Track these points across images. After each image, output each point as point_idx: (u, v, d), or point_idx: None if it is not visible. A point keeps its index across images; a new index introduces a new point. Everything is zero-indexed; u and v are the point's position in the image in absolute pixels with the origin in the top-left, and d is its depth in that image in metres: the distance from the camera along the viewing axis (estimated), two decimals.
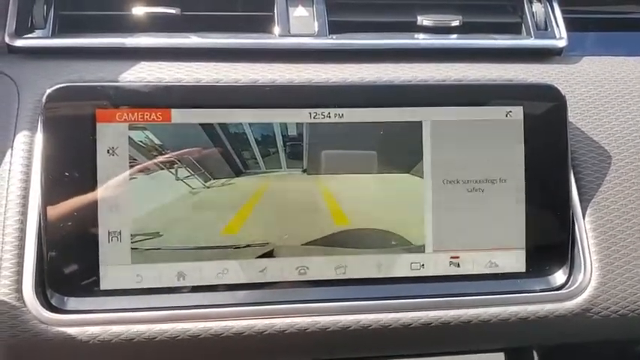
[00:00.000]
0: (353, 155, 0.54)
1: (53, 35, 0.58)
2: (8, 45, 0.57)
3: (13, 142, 0.52)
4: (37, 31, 0.58)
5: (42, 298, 0.49)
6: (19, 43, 0.57)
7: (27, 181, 0.51)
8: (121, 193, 0.51)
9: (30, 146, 0.52)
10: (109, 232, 0.50)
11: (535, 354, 0.56)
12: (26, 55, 0.57)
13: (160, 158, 0.51)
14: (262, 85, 0.55)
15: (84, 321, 0.49)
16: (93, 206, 0.50)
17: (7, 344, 0.48)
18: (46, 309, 0.49)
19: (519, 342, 0.56)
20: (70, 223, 0.50)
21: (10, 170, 0.51)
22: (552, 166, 0.55)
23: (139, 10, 0.59)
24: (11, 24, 0.57)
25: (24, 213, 0.50)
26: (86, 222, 0.50)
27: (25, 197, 0.50)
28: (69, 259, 0.50)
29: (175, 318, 0.50)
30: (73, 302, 0.50)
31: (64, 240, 0.50)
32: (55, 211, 0.50)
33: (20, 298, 0.48)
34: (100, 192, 0.50)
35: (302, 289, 0.52)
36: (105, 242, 0.50)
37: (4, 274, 0.48)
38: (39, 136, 0.51)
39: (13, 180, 0.51)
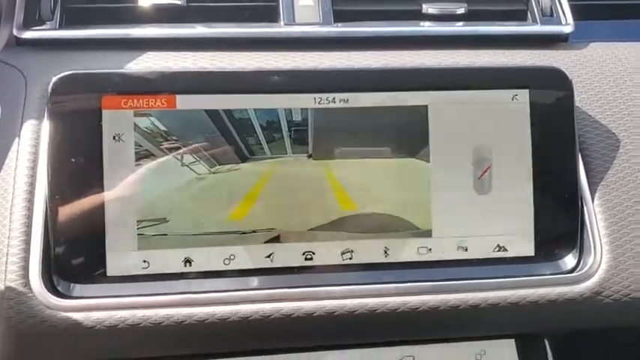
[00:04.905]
0: (358, 140, 0.54)
1: (60, 27, 0.58)
2: (16, 37, 0.58)
3: (20, 130, 0.52)
4: (44, 23, 0.58)
5: (49, 285, 0.49)
6: (27, 35, 0.57)
7: (34, 169, 0.51)
8: (127, 179, 0.51)
9: (37, 134, 0.52)
10: (115, 218, 0.50)
11: (546, 341, 0.55)
12: (34, 47, 0.57)
13: (166, 144, 0.52)
14: (267, 70, 0.55)
15: (90, 306, 0.49)
16: (99, 192, 0.50)
17: (15, 330, 0.48)
18: (53, 295, 0.49)
19: (529, 328, 0.55)
20: (76, 210, 0.50)
21: (17, 158, 0.52)
22: (560, 149, 0.55)
23: (144, 2, 0.60)
24: (19, 16, 0.58)
25: (31, 200, 0.50)
26: (92, 208, 0.50)
27: (32, 184, 0.51)
28: (75, 246, 0.50)
29: (182, 303, 0.49)
30: (79, 289, 0.50)
31: (70, 226, 0.50)
32: (62, 197, 0.50)
33: (27, 284, 0.48)
34: (106, 178, 0.50)
35: (308, 274, 0.52)
36: (111, 228, 0.50)
37: (12, 259, 0.49)
38: (45, 124, 0.51)
39: (20, 168, 0.51)
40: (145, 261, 0.51)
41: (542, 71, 0.57)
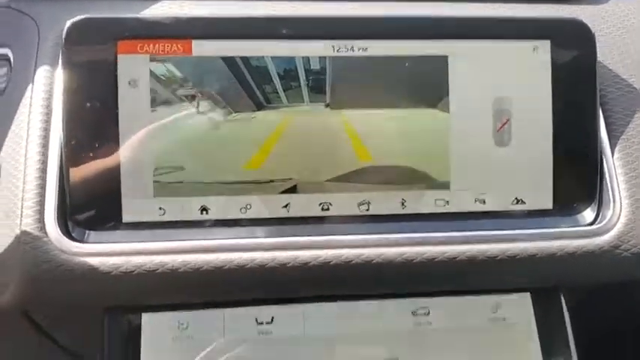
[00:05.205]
0: (377, 90, 0.53)
1: None
2: None
3: (33, 77, 0.52)
4: None
5: (64, 230, 0.49)
6: None
7: (48, 114, 0.50)
8: (143, 125, 0.50)
9: (50, 80, 0.51)
10: (130, 165, 0.50)
11: (562, 295, 0.55)
12: None
13: (181, 91, 0.51)
14: (285, 16, 0.53)
15: (106, 252, 0.48)
16: (114, 139, 0.50)
17: (30, 275, 0.47)
18: (69, 240, 0.48)
19: (546, 281, 0.54)
20: (91, 156, 0.49)
21: (31, 105, 0.51)
22: (580, 102, 0.54)
23: None
24: None
25: (45, 146, 0.50)
26: (107, 154, 0.50)
27: (46, 130, 0.50)
28: (91, 192, 0.50)
29: (199, 249, 0.49)
30: (94, 235, 0.49)
31: (85, 173, 0.49)
32: (77, 143, 0.49)
33: (42, 229, 0.48)
34: (122, 124, 0.50)
35: (325, 224, 0.51)
36: (127, 175, 0.50)
37: (27, 204, 0.48)
38: (59, 70, 0.50)
39: (34, 114, 0.50)
40: (161, 208, 0.50)
41: (565, 23, 0.55)
